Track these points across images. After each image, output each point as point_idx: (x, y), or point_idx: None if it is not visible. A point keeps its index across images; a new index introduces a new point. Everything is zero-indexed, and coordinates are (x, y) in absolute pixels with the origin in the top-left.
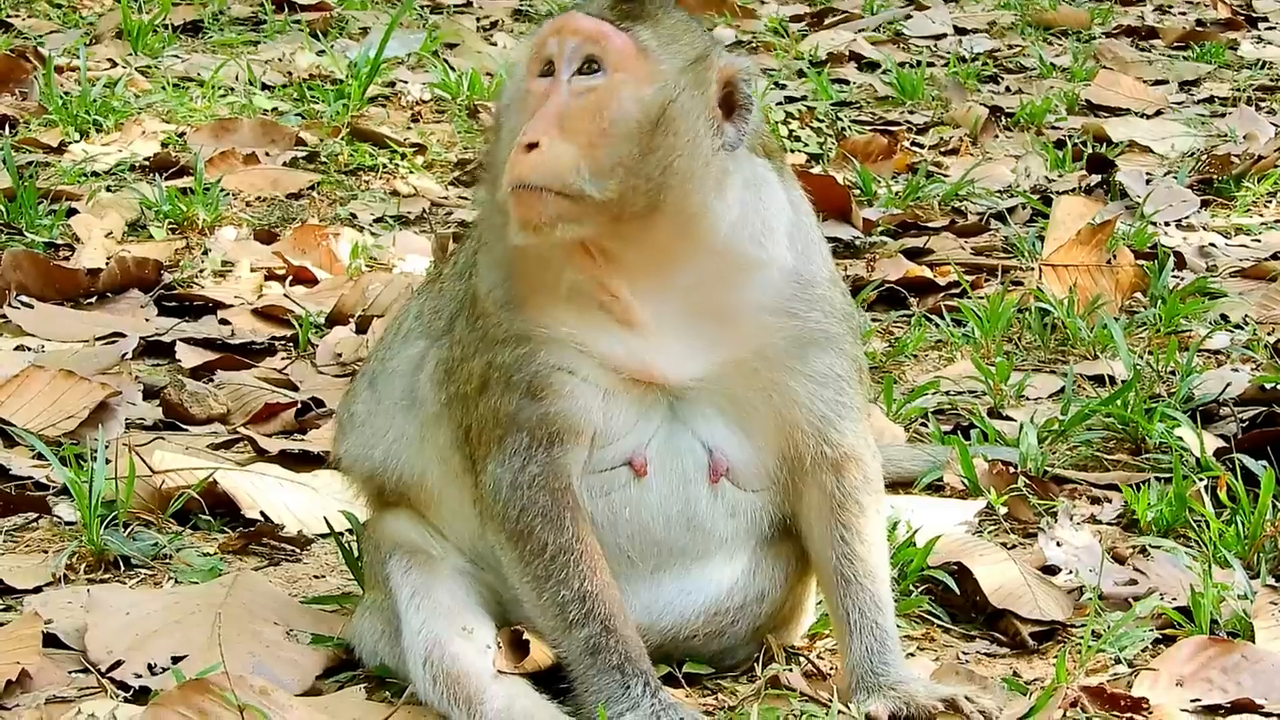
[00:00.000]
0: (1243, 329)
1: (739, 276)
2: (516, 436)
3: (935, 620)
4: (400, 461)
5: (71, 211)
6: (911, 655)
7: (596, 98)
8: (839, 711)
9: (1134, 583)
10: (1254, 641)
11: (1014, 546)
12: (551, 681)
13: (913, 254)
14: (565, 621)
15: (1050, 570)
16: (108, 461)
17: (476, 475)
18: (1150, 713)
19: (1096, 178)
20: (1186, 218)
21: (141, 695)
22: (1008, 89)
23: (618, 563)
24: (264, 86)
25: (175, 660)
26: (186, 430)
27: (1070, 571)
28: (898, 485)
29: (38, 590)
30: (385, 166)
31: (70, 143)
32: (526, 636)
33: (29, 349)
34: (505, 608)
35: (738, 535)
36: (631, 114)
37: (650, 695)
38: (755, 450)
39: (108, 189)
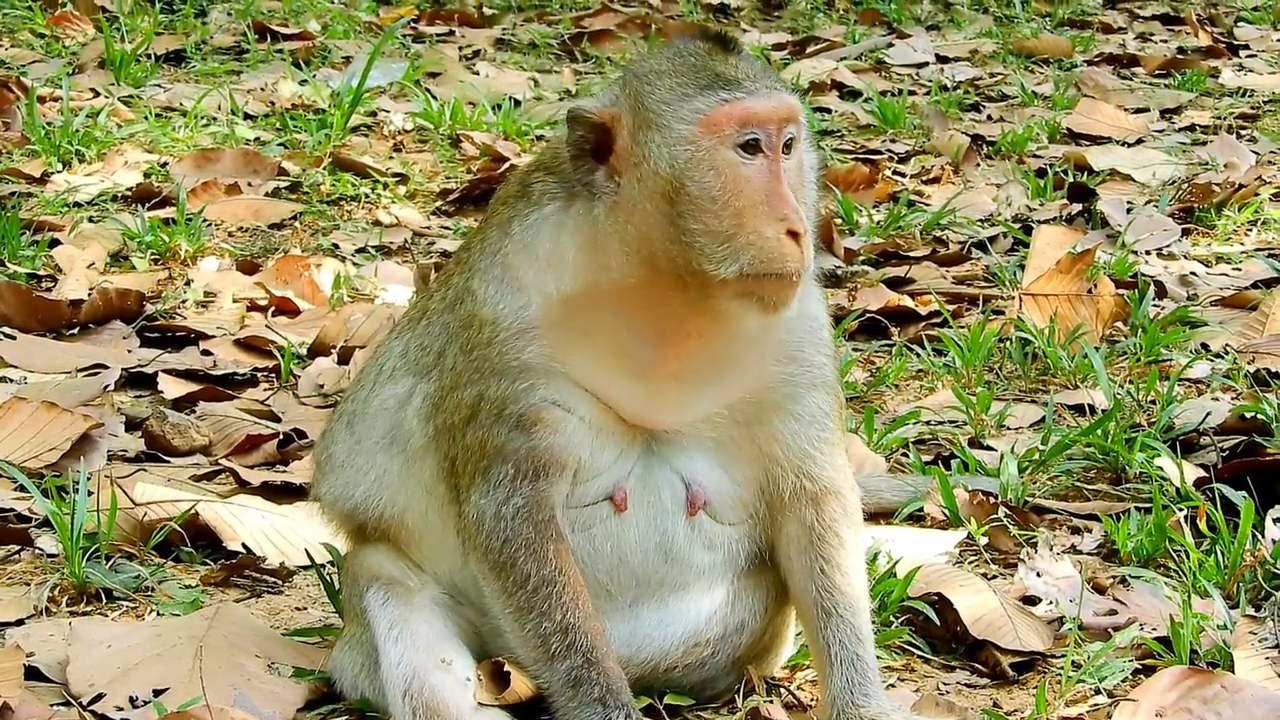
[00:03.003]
0: (1223, 358)
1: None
2: (501, 468)
3: (916, 651)
4: (381, 500)
5: (54, 242)
6: (892, 686)
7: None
8: None
9: (1114, 613)
10: (1233, 672)
11: (994, 577)
12: (532, 713)
13: (894, 283)
14: (547, 653)
15: (1030, 601)
16: (90, 493)
17: (460, 506)
18: None
19: (1078, 206)
20: (1167, 246)
21: None
22: (989, 117)
23: (597, 596)
24: (246, 116)
25: (157, 693)
26: (168, 462)
27: (1050, 602)
28: (878, 515)
29: (19, 623)
30: (367, 196)
31: (53, 173)
32: (507, 668)
33: (11, 380)
34: (484, 640)
35: (715, 567)
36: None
37: None
38: (733, 484)
39: (90, 220)
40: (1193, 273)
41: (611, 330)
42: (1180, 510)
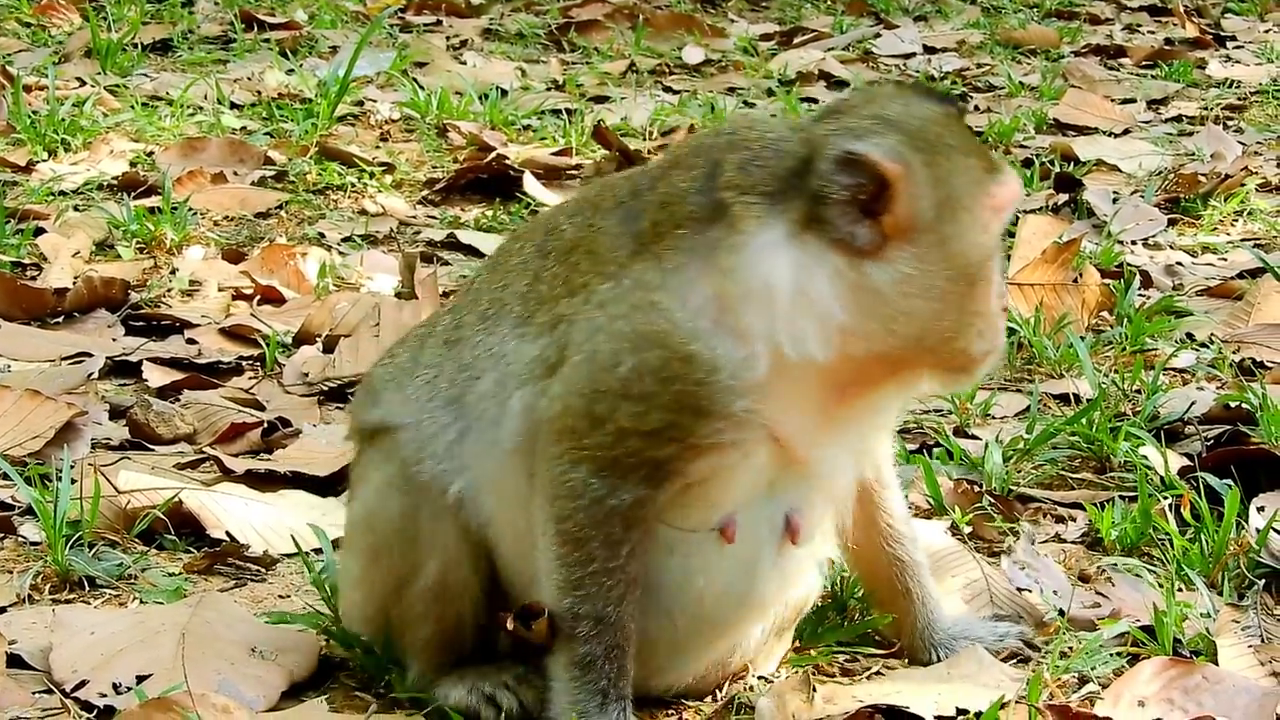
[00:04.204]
0: (1208, 348)
1: None
2: (636, 464)
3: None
4: (469, 489)
5: (39, 231)
6: (879, 674)
7: None
8: None
9: (1097, 605)
10: (1217, 661)
11: None
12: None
13: None
14: (573, 631)
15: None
16: (73, 481)
17: (552, 461)
18: None
19: (1064, 196)
20: (1153, 236)
21: (106, 715)
22: (976, 108)
23: (655, 618)
24: (233, 105)
25: (140, 679)
26: (153, 450)
27: (1035, 586)
28: None
29: (2, 611)
30: (353, 185)
31: (38, 162)
32: (541, 605)
33: None
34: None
35: (770, 597)
36: None
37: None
38: (829, 503)
39: (75, 208)
40: (1178, 263)
41: (820, 385)
42: (1165, 499)
